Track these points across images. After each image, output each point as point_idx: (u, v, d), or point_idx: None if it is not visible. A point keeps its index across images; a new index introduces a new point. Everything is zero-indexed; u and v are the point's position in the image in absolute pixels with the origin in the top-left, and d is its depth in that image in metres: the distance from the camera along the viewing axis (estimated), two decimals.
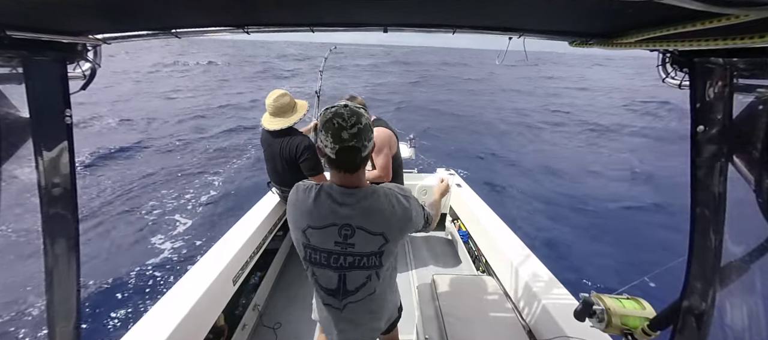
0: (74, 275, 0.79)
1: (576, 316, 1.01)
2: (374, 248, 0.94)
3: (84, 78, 0.83)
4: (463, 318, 1.62)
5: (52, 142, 0.72)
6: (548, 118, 14.72)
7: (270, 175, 2.48)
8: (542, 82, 32.90)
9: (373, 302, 1.05)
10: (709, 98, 0.63)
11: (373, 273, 0.98)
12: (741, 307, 0.65)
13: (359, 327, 1.09)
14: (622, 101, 20.51)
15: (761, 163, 0.57)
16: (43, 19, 0.65)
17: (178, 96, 16.62)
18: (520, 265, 1.88)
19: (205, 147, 9.14)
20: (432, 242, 3.14)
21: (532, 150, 9.80)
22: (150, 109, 13.29)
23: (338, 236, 0.93)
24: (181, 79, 23.59)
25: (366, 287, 1.00)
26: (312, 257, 0.97)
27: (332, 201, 0.93)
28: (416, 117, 13.63)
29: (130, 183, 6.81)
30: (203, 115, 12.79)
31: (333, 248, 0.94)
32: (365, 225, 0.92)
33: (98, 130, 10.04)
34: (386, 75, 31.74)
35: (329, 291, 1.01)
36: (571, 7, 0.65)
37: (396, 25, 0.86)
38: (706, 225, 0.66)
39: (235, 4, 0.70)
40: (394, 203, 0.95)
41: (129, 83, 20.19)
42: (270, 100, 2.15)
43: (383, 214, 0.93)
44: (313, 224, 0.94)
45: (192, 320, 1.44)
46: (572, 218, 5.65)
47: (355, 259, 0.95)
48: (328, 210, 0.92)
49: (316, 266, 0.98)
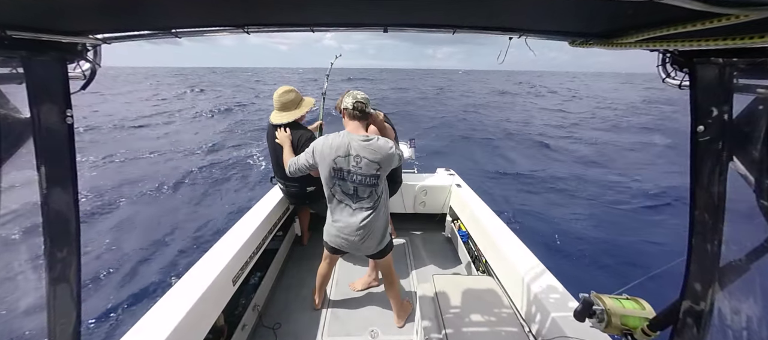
0: (75, 275, 0.79)
1: (576, 316, 1.01)
2: (373, 171, 1.64)
3: (84, 78, 0.83)
4: (462, 318, 1.62)
5: (53, 142, 0.71)
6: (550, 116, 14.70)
7: (274, 169, 2.50)
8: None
9: (374, 211, 1.73)
10: (709, 98, 0.63)
11: (373, 190, 1.69)
12: (741, 307, 0.65)
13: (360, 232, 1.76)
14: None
15: (761, 164, 0.57)
16: (43, 19, 0.65)
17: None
18: (519, 265, 1.88)
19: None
20: (432, 242, 3.14)
21: (531, 148, 9.79)
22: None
23: (354, 161, 1.64)
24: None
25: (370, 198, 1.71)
26: (338, 173, 1.66)
27: (352, 140, 1.65)
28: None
29: (131, 182, 6.81)
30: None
31: (351, 169, 1.64)
32: (368, 157, 1.62)
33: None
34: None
35: (347, 195, 1.72)
36: (572, 7, 0.65)
37: (396, 25, 0.86)
38: (706, 225, 0.66)
39: (235, 4, 0.70)
40: (386, 144, 1.66)
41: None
42: (276, 96, 2.23)
43: (381, 150, 1.63)
44: (340, 154, 1.64)
45: (192, 320, 1.44)
46: (572, 217, 5.64)
47: (363, 177, 1.65)
48: (348, 145, 1.64)
49: (339, 180, 1.68)
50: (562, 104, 25.36)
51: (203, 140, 10.80)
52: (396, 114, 15.46)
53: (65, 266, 0.77)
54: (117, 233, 5.04)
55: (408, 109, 19.03)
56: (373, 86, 40.40)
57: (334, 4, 0.72)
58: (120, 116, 15.58)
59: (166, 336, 1.29)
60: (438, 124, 14.24)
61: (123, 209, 5.82)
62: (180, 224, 5.32)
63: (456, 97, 28.33)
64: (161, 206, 6.04)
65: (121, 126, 13.31)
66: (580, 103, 27.11)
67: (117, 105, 18.74)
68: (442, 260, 2.87)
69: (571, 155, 9.73)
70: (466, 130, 13.38)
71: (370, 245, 1.83)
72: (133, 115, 16.09)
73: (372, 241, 1.80)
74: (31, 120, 0.66)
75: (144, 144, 10.35)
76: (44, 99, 0.69)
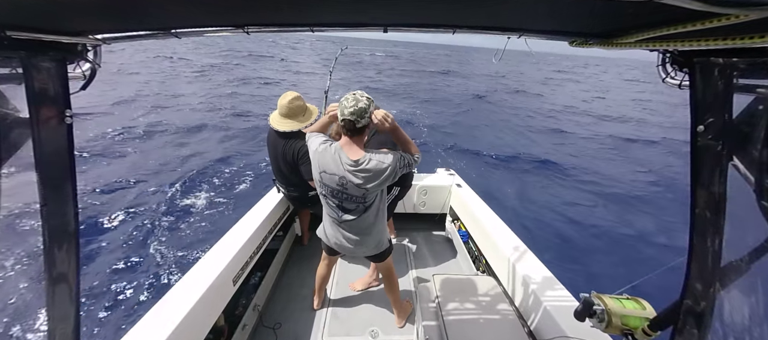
0: (74, 276, 0.79)
1: (576, 316, 1.01)
2: (360, 193, 1.52)
3: (84, 78, 0.83)
4: (463, 318, 1.62)
5: (53, 142, 0.71)
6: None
7: (275, 174, 2.49)
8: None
9: (362, 222, 1.64)
10: (709, 98, 0.63)
11: (360, 204, 1.57)
12: (741, 307, 0.65)
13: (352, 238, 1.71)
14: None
15: (761, 163, 0.57)
16: (43, 19, 0.65)
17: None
18: (520, 265, 1.88)
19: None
20: (432, 242, 3.14)
21: (531, 147, 9.80)
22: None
23: (339, 183, 1.52)
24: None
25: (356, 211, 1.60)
26: (323, 187, 1.57)
27: (340, 160, 1.49)
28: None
29: (131, 182, 6.81)
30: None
31: (335, 187, 1.54)
32: (353, 181, 1.48)
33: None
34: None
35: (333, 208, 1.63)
36: (571, 7, 0.65)
37: (396, 25, 0.86)
38: (706, 225, 0.66)
39: (235, 4, 0.70)
40: (378, 166, 1.47)
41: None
42: (284, 101, 2.16)
43: (370, 174, 1.47)
44: (327, 171, 1.52)
45: (192, 320, 1.44)
46: (573, 217, 5.65)
47: (349, 196, 1.54)
48: (335, 164, 1.50)
49: (326, 191, 1.59)
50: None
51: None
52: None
53: (64, 266, 0.77)
54: (117, 232, 5.04)
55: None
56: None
57: (334, 4, 0.72)
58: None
59: (166, 336, 1.30)
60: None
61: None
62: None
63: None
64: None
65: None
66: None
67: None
68: (442, 260, 2.87)
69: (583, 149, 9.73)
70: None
71: (364, 251, 1.79)
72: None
73: (364, 247, 1.76)
74: (30, 120, 0.66)
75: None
76: (44, 99, 0.69)
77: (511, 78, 33.91)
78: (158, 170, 7.49)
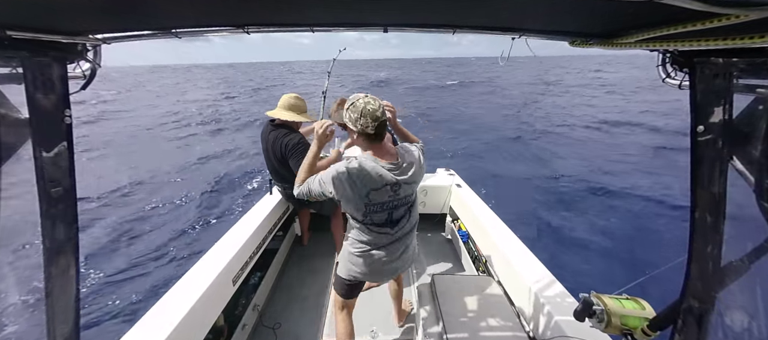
0: (74, 275, 0.79)
1: (576, 316, 1.01)
2: (409, 192, 1.40)
3: (84, 78, 0.83)
4: (462, 319, 1.62)
5: (52, 142, 0.71)
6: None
7: (271, 173, 2.49)
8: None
9: (411, 223, 1.48)
10: (709, 98, 0.63)
11: (405, 206, 1.42)
12: (741, 307, 0.65)
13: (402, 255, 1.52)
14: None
15: (761, 163, 0.57)
16: (43, 19, 0.65)
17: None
18: (519, 265, 1.88)
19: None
20: (432, 242, 3.13)
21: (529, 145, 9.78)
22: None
23: (390, 193, 1.34)
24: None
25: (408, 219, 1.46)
26: (371, 208, 1.34)
27: (383, 169, 1.30)
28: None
29: (131, 181, 6.82)
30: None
31: (386, 200, 1.35)
32: (402, 180, 1.34)
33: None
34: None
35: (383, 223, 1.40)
36: (572, 7, 0.65)
37: (396, 25, 0.86)
38: (706, 225, 0.66)
39: (235, 4, 0.70)
40: (412, 157, 1.41)
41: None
42: (286, 97, 2.28)
43: (414, 167, 1.37)
44: (374, 187, 1.30)
45: (192, 320, 1.44)
46: (572, 217, 5.65)
47: (399, 201, 1.37)
48: (380, 176, 1.30)
49: (373, 213, 1.36)
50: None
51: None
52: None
53: (64, 266, 0.77)
54: (118, 232, 5.04)
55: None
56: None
57: (335, 4, 0.72)
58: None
59: (166, 336, 1.30)
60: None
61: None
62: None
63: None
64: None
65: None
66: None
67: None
68: (442, 260, 2.87)
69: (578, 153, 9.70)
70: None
71: (412, 259, 1.63)
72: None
73: (412, 252, 1.60)
74: (30, 120, 0.66)
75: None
76: (43, 99, 0.69)
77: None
78: (158, 170, 7.50)
